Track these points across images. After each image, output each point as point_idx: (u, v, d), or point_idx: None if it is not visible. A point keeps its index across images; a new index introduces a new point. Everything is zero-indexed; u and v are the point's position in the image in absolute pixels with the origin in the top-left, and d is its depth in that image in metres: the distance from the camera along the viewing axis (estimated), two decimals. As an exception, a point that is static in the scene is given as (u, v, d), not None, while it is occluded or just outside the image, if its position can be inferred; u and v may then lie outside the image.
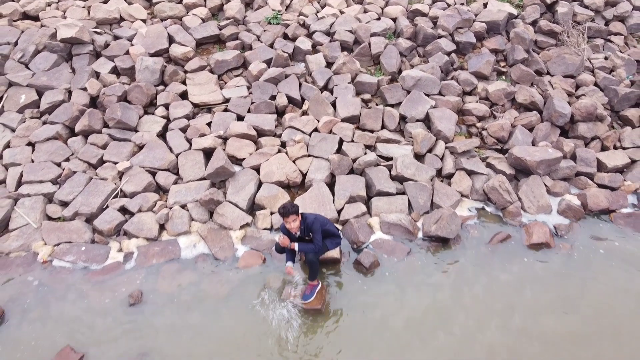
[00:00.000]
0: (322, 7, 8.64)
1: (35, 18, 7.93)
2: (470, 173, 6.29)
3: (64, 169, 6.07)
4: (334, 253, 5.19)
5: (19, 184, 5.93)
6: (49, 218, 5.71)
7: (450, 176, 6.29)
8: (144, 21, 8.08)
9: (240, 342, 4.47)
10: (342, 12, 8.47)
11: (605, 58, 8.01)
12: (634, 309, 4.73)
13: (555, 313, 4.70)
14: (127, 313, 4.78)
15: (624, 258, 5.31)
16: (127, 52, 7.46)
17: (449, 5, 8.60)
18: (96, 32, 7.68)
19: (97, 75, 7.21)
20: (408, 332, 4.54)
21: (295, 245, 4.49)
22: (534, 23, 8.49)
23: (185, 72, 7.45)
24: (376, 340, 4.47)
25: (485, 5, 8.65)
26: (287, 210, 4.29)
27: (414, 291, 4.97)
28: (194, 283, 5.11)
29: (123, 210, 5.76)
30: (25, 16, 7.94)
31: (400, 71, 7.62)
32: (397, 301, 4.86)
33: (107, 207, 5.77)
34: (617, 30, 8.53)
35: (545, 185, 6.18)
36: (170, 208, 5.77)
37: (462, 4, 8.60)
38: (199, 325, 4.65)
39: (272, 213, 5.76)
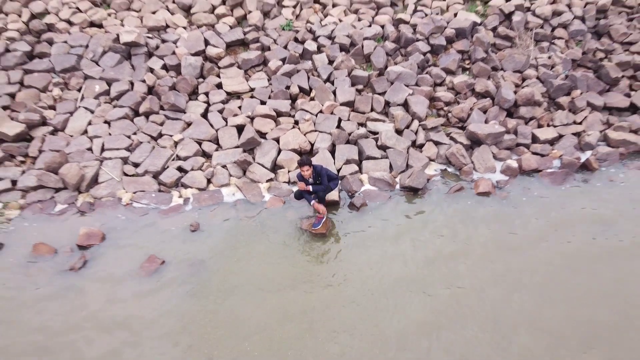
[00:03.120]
0: (325, 16, 10.29)
1: (100, 25, 9.60)
2: (437, 143, 8.01)
3: (133, 140, 7.81)
4: (335, 197, 6.94)
5: (102, 150, 7.65)
6: (126, 174, 7.44)
7: (421, 146, 8.02)
8: (184, 28, 9.75)
9: (268, 252, 6.23)
10: (340, 20, 10.12)
11: (549, 57, 9.70)
12: (538, 230, 6.47)
13: (487, 232, 6.45)
14: (189, 236, 6.52)
15: (540, 201, 7.05)
16: (174, 53, 9.14)
17: (426, 15, 10.23)
18: (148, 37, 9.35)
19: (151, 70, 8.90)
20: (383, 248, 6.28)
21: (310, 187, 6.23)
22: (494, 29, 10.15)
23: (219, 68, 9.14)
24: (360, 252, 6.21)
25: (455, 14, 10.29)
26: (304, 162, 6.01)
27: (390, 223, 6.70)
28: (234, 218, 6.85)
29: (179, 169, 7.48)
30: (92, 24, 9.61)
31: (386, 67, 9.28)
32: (377, 229, 6.59)
33: (168, 167, 7.50)
34: (560, 35, 10.18)
35: (492, 152, 7.89)
36: (214, 168, 7.51)
37: (436, 14, 10.26)
38: (238, 243, 6.38)
39: (289, 171, 7.50)
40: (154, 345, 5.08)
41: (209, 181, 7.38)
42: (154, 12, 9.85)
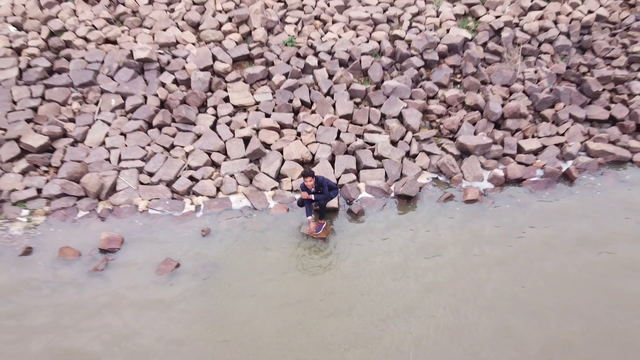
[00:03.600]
0: (325, 33, 10.86)
1: (114, 42, 10.17)
2: (429, 154, 8.58)
3: (147, 151, 8.38)
4: (334, 204, 7.50)
5: (119, 160, 8.21)
6: (141, 183, 8.00)
7: (414, 156, 8.58)
8: (193, 44, 10.31)
9: (273, 254, 6.80)
10: (340, 36, 10.68)
11: (535, 72, 10.27)
12: (517, 230, 7.06)
13: (469, 234, 7.02)
14: (201, 240, 7.08)
15: (522, 206, 7.62)
16: (184, 68, 9.70)
17: (420, 31, 10.80)
18: (160, 53, 9.93)
19: (163, 84, 9.47)
20: (379, 249, 6.85)
21: (312, 196, 6.79)
22: (484, 45, 10.72)
23: (226, 82, 9.71)
24: (355, 252, 6.78)
25: (447, 30, 10.86)
26: (307, 173, 6.56)
27: (385, 228, 7.27)
28: (242, 223, 7.41)
29: (191, 178, 8.04)
30: (107, 41, 10.18)
31: (382, 81, 9.85)
32: (373, 233, 7.16)
33: (180, 176, 8.07)
34: (547, 50, 10.74)
35: (480, 162, 8.46)
36: (223, 177, 8.08)
37: (430, 30, 10.84)
38: (246, 246, 6.95)
39: (292, 180, 8.07)
40: (169, 331, 5.64)
41: (218, 189, 7.94)
42: (164, 30, 10.42)
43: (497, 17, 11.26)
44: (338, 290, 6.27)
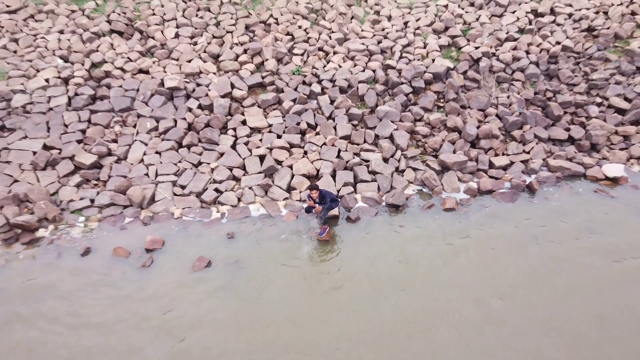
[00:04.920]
0: (327, 63, 12.30)
1: (147, 72, 11.63)
2: (415, 169, 10.00)
3: (179, 167, 9.81)
4: (335, 212, 8.92)
5: (156, 175, 9.65)
6: (175, 194, 9.43)
7: (403, 171, 10.00)
8: (214, 73, 11.76)
9: (285, 254, 8.22)
10: (340, 66, 12.12)
11: (507, 97, 11.71)
12: (485, 234, 8.47)
13: (449, 236, 8.44)
14: (227, 242, 8.49)
15: (492, 214, 9.05)
16: (207, 95, 11.15)
17: (409, 61, 12.25)
18: (186, 82, 11.37)
19: (190, 109, 10.92)
20: (373, 250, 8.28)
21: (317, 206, 8.22)
22: (464, 73, 12.16)
23: (243, 107, 11.15)
24: (354, 253, 8.21)
25: (433, 60, 12.31)
26: (313, 187, 7.97)
27: (378, 232, 8.69)
28: (260, 228, 8.82)
29: (216, 190, 9.46)
30: (140, 71, 11.63)
31: (376, 106, 11.29)
32: (368, 236, 8.58)
33: (207, 188, 9.49)
34: (518, 78, 12.17)
35: (458, 176, 9.88)
36: (243, 189, 9.50)
37: (418, 60, 12.29)
38: (263, 247, 8.37)
39: (300, 192, 9.49)
40: (206, 311, 7.07)
41: (239, 200, 9.36)
42: (189, 61, 11.88)
43: (476, 47, 12.72)
44: (336, 276, 7.69)
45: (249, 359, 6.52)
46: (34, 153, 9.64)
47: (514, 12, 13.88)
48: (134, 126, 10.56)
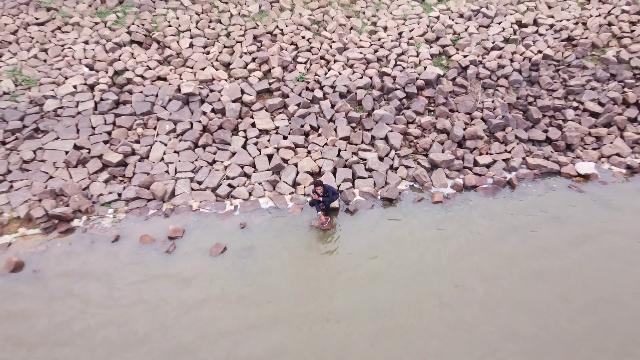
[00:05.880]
0: (329, 70, 13.25)
1: (165, 79, 12.57)
2: (407, 167, 10.94)
3: (196, 165, 10.75)
4: (336, 205, 9.87)
5: (175, 172, 10.59)
6: (193, 189, 10.37)
7: (396, 169, 10.93)
8: (226, 80, 12.71)
9: (291, 241, 9.15)
10: (340, 73, 13.06)
11: (492, 102, 12.64)
12: (467, 222, 9.40)
13: (437, 226, 9.38)
14: (240, 231, 9.42)
15: (475, 207, 9.99)
16: (219, 100, 12.10)
17: (403, 69, 13.19)
18: (200, 88, 12.32)
19: (204, 113, 11.86)
20: (368, 237, 9.22)
21: (320, 199, 9.15)
22: (453, 79, 13.09)
23: (252, 110, 12.09)
24: (352, 239, 9.15)
25: (425, 68, 13.25)
26: (317, 183, 8.88)
27: (374, 222, 9.62)
28: (269, 219, 9.76)
29: (229, 185, 10.40)
30: (159, 78, 12.58)
31: (373, 109, 12.22)
32: (365, 225, 9.50)
33: (221, 184, 10.43)
34: (503, 84, 13.10)
35: (445, 173, 10.80)
36: (253, 184, 10.44)
37: (411, 68, 13.23)
38: (272, 235, 9.31)
39: (304, 187, 10.43)
40: (224, 287, 8.01)
41: (250, 194, 10.29)
42: (203, 69, 12.82)
43: (464, 56, 13.65)
44: (335, 258, 8.63)
45: (256, 326, 7.46)
46: (66, 152, 10.59)
47: (499, 23, 14.83)
48: (154, 128, 11.50)
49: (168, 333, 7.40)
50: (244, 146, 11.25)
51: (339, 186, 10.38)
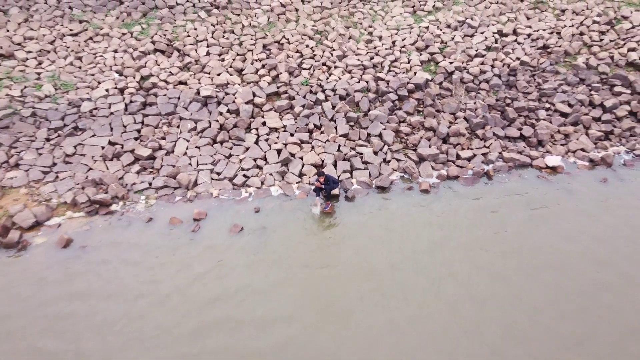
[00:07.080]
0: (330, 75, 14.56)
1: (185, 83, 13.92)
2: (398, 160, 12.28)
3: (214, 159, 12.10)
4: (336, 192, 11.22)
5: (197, 164, 11.94)
6: (212, 179, 11.72)
7: (389, 162, 12.26)
8: (239, 84, 14.05)
9: (299, 222, 10.51)
10: (340, 78, 14.37)
11: (474, 103, 13.98)
12: (450, 208, 10.74)
13: (420, 209, 10.73)
14: (254, 215, 10.74)
15: (457, 195, 11.34)
16: (234, 101, 13.44)
17: (396, 74, 14.52)
18: (217, 91, 13.67)
19: (221, 113, 13.20)
20: (364, 219, 10.57)
21: (323, 186, 10.50)
22: (440, 83, 14.43)
23: (263, 111, 13.42)
24: (350, 221, 10.50)
25: (415, 73, 14.58)
26: (320, 173, 10.23)
27: (368, 207, 10.96)
28: (279, 204, 11.10)
29: (244, 176, 11.74)
30: (180, 82, 13.93)
31: (369, 110, 13.56)
32: (361, 210, 10.86)
33: (237, 175, 11.78)
34: (484, 87, 14.42)
35: (431, 165, 12.15)
36: (265, 175, 11.79)
37: (402, 73, 14.56)
38: (282, 218, 10.64)
39: (309, 177, 11.78)
40: (238, 261, 9.37)
41: (262, 183, 11.63)
42: (219, 74, 14.17)
43: (450, 62, 14.98)
44: (336, 237, 9.99)
45: (269, 290, 8.82)
46: (102, 147, 11.95)
47: (482, 33, 16.17)
48: (178, 127, 12.85)
49: (193, 287, 8.79)
50: (256, 142, 12.58)
51: (339, 176, 11.73)
